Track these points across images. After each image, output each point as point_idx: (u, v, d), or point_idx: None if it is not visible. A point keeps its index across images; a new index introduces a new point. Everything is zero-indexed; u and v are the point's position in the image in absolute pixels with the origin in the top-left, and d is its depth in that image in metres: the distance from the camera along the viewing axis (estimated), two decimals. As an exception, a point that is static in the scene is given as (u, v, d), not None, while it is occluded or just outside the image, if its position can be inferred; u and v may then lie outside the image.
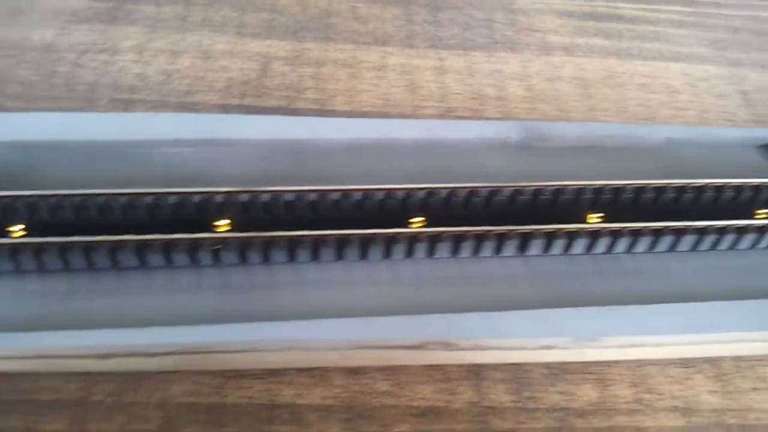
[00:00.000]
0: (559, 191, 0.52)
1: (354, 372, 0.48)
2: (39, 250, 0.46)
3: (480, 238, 0.50)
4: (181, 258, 0.47)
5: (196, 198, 0.50)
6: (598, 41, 0.76)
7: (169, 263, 0.48)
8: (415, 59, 0.70)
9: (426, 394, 0.47)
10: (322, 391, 0.47)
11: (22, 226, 0.48)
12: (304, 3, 0.75)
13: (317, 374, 0.48)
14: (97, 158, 0.53)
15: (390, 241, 0.49)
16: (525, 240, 0.50)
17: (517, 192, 0.52)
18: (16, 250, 0.46)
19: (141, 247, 0.47)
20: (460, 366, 0.48)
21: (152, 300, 0.46)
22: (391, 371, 0.48)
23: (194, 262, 0.48)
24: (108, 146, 0.53)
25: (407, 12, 0.75)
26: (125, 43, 0.68)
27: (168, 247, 0.47)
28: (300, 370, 0.48)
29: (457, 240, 0.49)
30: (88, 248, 0.46)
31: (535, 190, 0.52)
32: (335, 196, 0.51)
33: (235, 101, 0.64)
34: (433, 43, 0.72)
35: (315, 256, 0.49)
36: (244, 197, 0.50)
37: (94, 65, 0.65)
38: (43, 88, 0.63)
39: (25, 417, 0.44)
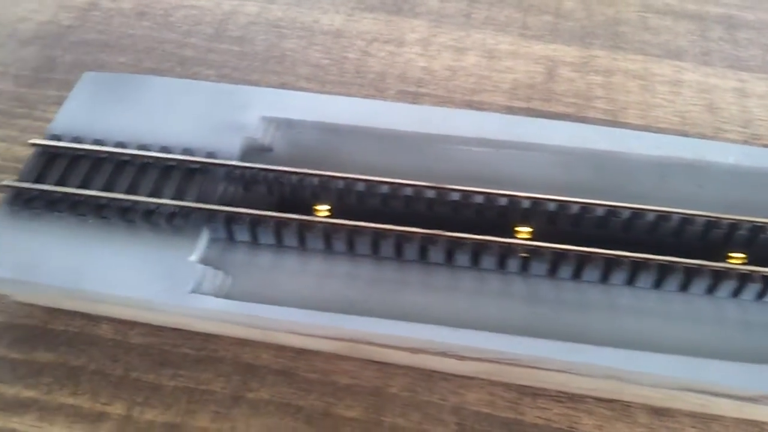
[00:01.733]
0: None
1: (660, 413, 0.44)
2: (351, 233, 0.45)
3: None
4: (488, 261, 0.45)
5: (502, 201, 0.47)
6: None
7: (476, 265, 0.46)
8: (713, 78, 0.64)
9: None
10: (623, 427, 0.43)
11: (328, 207, 0.47)
12: (590, 9, 0.71)
13: (618, 407, 0.44)
14: (397, 148, 0.52)
15: (714, 277, 0.44)
16: None
17: None
18: (328, 230, 0.45)
19: (450, 245, 0.45)
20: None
21: (458, 300, 0.44)
22: (703, 419, 0.43)
23: (501, 267, 0.45)
24: (408, 137, 0.52)
25: (701, 27, 0.70)
26: (411, 36, 0.67)
27: (476, 249, 0.45)
28: (600, 400, 0.44)
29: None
30: (399, 238, 0.45)
31: None
32: (650, 217, 0.47)
33: (521, 104, 0.61)
34: (732, 63, 0.66)
35: (630, 281, 0.45)
36: (551, 206, 0.47)
37: (381, 55, 0.65)
38: (335, 72, 0.63)
39: (321, 398, 0.44)
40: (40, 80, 0.62)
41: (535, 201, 0.47)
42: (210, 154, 0.49)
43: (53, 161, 0.49)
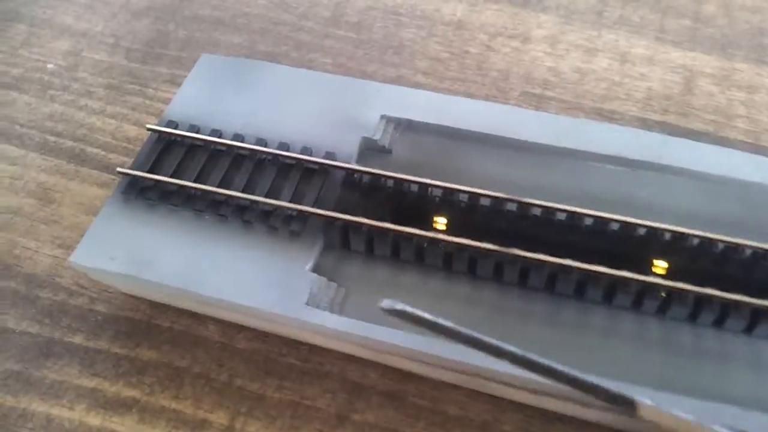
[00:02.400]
0: None
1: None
2: (473, 254, 0.42)
3: None
4: (622, 299, 0.42)
5: (640, 231, 0.43)
6: None
7: (608, 301, 0.42)
8: None
9: None
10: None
11: (448, 221, 0.44)
12: (733, 15, 0.65)
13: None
14: (523, 160, 0.48)
15: None
16: None
17: None
18: (449, 249, 0.43)
19: (580, 277, 0.42)
20: None
21: (586, 338, 0.41)
22: None
23: (636, 306, 0.42)
24: (536, 149, 0.48)
25: None
26: (538, 32, 0.63)
27: (610, 284, 0.41)
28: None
29: None
30: (525, 264, 0.42)
31: None
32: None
33: (656, 117, 0.57)
34: None
35: (782, 336, 0.41)
36: (693, 242, 0.43)
37: (505, 51, 0.61)
38: (455, 67, 0.60)
39: (429, 428, 0.41)
40: (153, 56, 0.61)
41: (677, 235, 0.43)
42: (329, 155, 0.47)
43: (169, 149, 0.47)
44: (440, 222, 0.45)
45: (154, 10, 0.65)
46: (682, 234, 0.43)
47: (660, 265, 0.43)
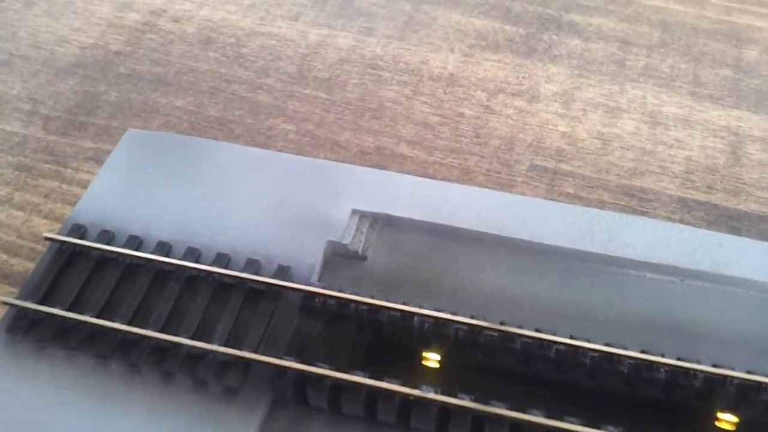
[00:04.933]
0: None
1: None
2: (477, 420, 0.31)
3: None
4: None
5: (698, 377, 0.32)
6: None
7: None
8: None
9: None
10: None
11: (441, 358, 0.33)
12: (782, 61, 0.54)
13: None
14: (537, 268, 0.37)
15: None
16: None
17: None
18: (443, 413, 0.31)
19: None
20: None
21: None
22: None
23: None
24: (554, 254, 0.37)
25: None
26: (547, 88, 0.51)
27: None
28: None
29: None
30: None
31: None
32: None
33: (700, 196, 0.45)
34: None
35: None
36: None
37: (508, 112, 0.50)
38: (447, 134, 0.49)
39: None
40: (76, 125, 0.49)
41: (748, 384, 0.32)
42: (281, 271, 0.35)
43: (73, 264, 0.36)
44: (432, 362, 0.33)
45: (83, 66, 0.53)
46: (754, 383, 0.32)
47: (727, 420, 0.32)
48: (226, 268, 0.35)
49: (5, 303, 0.34)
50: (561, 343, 0.32)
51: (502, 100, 0.51)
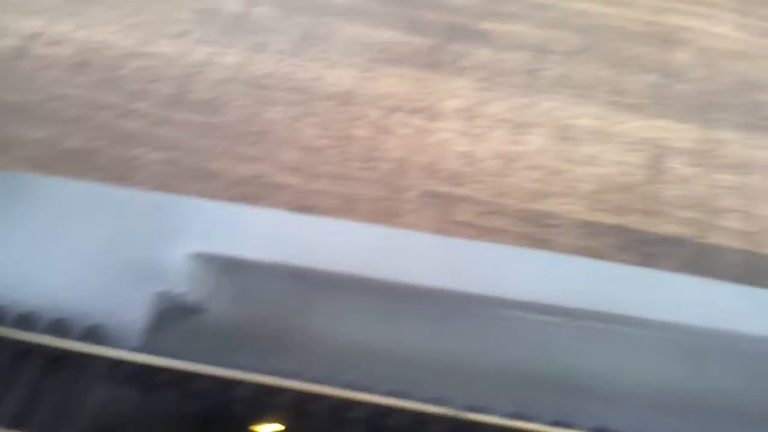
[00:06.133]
0: None
1: None
2: None
3: None
4: None
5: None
6: None
7: None
8: None
9: None
10: None
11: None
12: (713, 64, 0.49)
13: None
14: (414, 314, 0.32)
15: None
16: None
17: None
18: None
19: None
20: None
21: None
22: None
23: None
24: (433, 296, 0.32)
25: None
26: (450, 104, 0.46)
27: None
28: None
29: None
30: None
31: None
32: None
33: (609, 218, 0.40)
34: None
35: None
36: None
37: (405, 132, 0.45)
38: (334, 158, 0.44)
39: None
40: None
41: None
42: (91, 332, 0.30)
43: None
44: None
45: (-57, 99, 0.48)
46: None
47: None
48: (25, 330, 0.30)
49: None
50: (437, 416, 0.27)
51: (400, 118, 0.46)
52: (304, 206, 0.41)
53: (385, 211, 0.40)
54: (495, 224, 0.40)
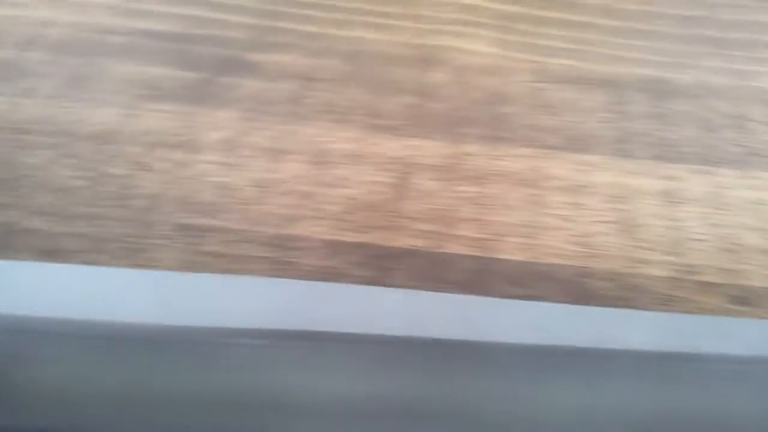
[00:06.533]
0: None
1: None
2: None
3: None
4: None
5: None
6: None
7: None
8: (634, 177, 0.46)
9: None
10: None
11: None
12: (465, 81, 0.52)
13: None
14: (114, 353, 0.32)
15: None
16: None
17: None
18: None
19: None
20: None
21: None
22: None
23: None
24: (142, 333, 0.32)
25: (619, 99, 0.51)
26: (211, 136, 0.48)
27: None
28: None
29: None
30: None
31: None
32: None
33: (353, 237, 0.42)
34: (660, 152, 0.47)
35: None
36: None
37: (163, 167, 0.45)
38: (87, 198, 0.44)
39: None
40: None
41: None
42: None
43: None
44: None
45: None
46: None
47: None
48: None
49: None
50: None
51: (160, 153, 0.47)
52: (52, 250, 0.41)
53: (133, 248, 0.41)
54: (244, 252, 0.41)
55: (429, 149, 0.47)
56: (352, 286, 0.36)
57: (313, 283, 0.36)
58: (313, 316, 0.32)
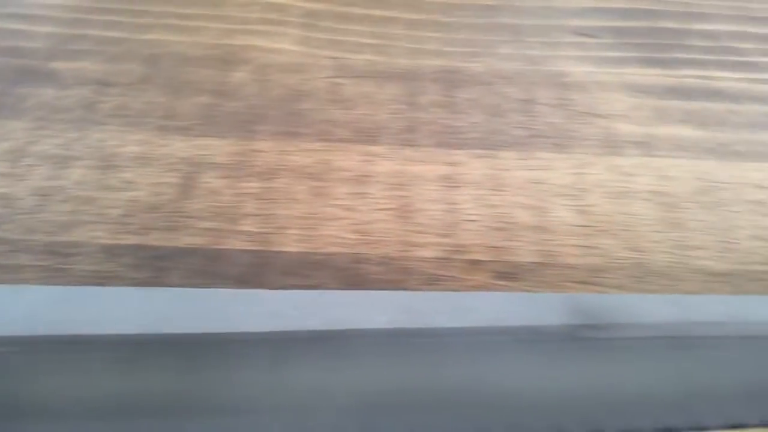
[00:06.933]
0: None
1: None
2: None
3: None
4: None
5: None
6: (688, 132, 0.52)
7: None
8: (415, 164, 0.48)
9: None
10: None
11: None
12: (266, 80, 0.53)
13: None
14: None
15: None
16: None
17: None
18: None
19: None
20: None
21: None
22: None
23: None
24: None
25: (412, 90, 0.53)
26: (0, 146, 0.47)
27: None
28: None
29: None
30: None
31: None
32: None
33: (132, 240, 0.42)
34: (444, 139, 0.50)
35: None
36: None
37: (-58, 182, 0.45)
38: None
39: None
40: None
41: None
42: None
43: None
44: None
45: None
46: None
47: None
48: None
49: None
50: None
51: (-59, 168, 0.46)
52: None
53: None
54: (18, 261, 0.41)
55: (218, 148, 0.48)
56: (87, 288, 0.36)
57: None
58: (52, 319, 0.32)
